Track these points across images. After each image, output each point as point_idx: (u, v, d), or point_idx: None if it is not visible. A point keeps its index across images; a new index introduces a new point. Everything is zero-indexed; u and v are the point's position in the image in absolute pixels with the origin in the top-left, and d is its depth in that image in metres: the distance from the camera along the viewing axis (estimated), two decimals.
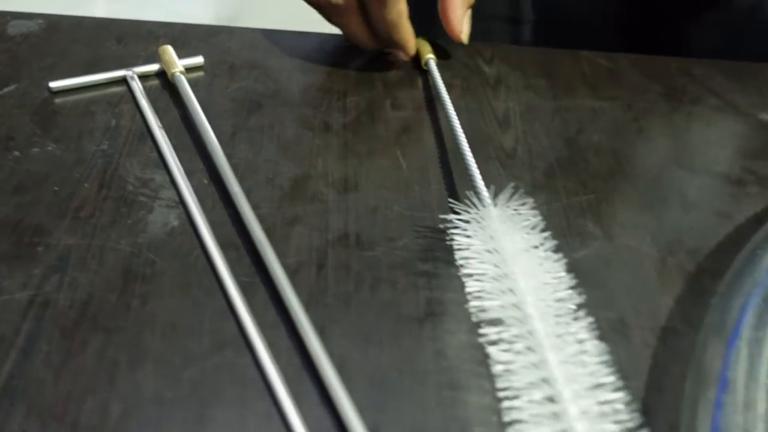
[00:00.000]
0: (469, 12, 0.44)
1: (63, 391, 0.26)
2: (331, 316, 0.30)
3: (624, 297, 0.32)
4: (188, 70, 0.42)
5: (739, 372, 0.26)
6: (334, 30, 0.46)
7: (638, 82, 0.47)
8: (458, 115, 0.39)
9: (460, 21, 0.43)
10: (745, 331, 0.28)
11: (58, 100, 0.40)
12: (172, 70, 0.40)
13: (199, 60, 0.43)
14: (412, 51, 0.44)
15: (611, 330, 0.30)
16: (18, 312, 0.29)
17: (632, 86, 0.46)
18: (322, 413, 0.27)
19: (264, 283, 0.31)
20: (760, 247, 0.32)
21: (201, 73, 0.43)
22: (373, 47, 0.45)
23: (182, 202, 0.34)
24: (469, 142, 0.37)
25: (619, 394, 0.26)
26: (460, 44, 0.47)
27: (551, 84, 0.45)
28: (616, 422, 0.24)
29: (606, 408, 0.25)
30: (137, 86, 0.40)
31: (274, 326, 0.29)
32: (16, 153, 0.36)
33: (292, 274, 0.31)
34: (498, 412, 0.26)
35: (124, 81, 0.41)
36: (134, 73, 0.41)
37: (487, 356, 0.28)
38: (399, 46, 0.44)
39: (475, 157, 0.36)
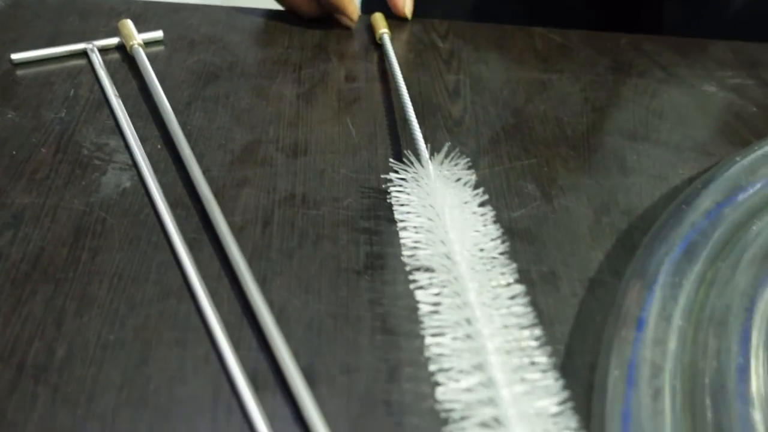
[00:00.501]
0: None
1: (11, 336, 0.28)
2: (273, 268, 0.31)
3: (556, 252, 0.34)
4: (148, 44, 0.44)
5: (653, 312, 0.28)
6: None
7: (588, 56, 0.48)
8: (410, 87, 0.41)
9: (402, 2, 0.46)
10: (663, 278, 0.29)
11: (19, 72, 0.41)
12: (131, 43, 0.42)
13: (158, 34, 0.44)
14: (353, 14, 0.46)
15: (542, 281, 0.32)
16: None
17: (582, 60, 0.48)
18: (258, 356, 0.28)
19: (210, 240, 0.32)
20: (685, 202, 0.33)
21: (161, 48, 0.45)
22: (313, 14, 0.47)
23: (135, 165, 0.36)
24: (419, 112, 0.38)
25: (534, 332, 0.27)
26: (418, 22, 0.49)
27: (503, 58, 0.47)
28: (529, 356, 0.26)
29: (521, 344, 0.26)
30: (96, 58, 0.42)
31: (217, 278, 0.31)
32: None
33: (238, 231, 0.33)
34: (425, 352, 0.28)
35: (84, 54, 0.43)
36: (94, 46, 0.42)
37: (410, 281, 0.29)
38: (339, 9, 0.45)
39: (423, 125, 0.38)
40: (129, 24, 0.43)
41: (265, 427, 0.25)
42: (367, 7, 0.64)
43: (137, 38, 0.42)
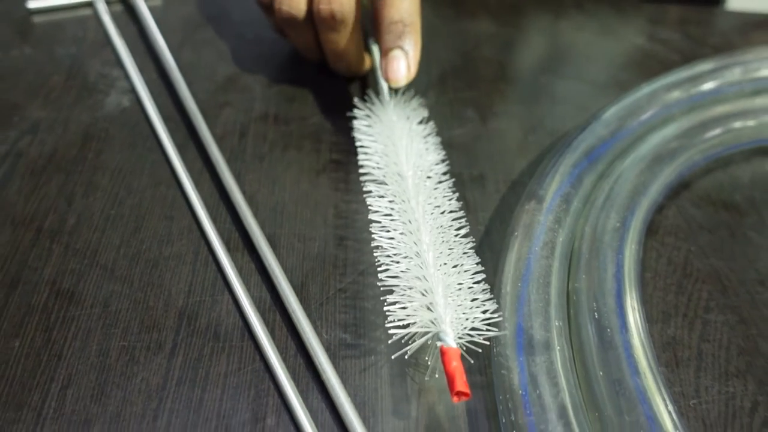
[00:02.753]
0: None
1: (31, 209, 0.34)
2: (247, 167, 0.38)
3: (486, 160, 0.40)
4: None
5: (549, 191, 0.34)
6: None
7: (534, 13, 0.54)
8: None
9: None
10: (564, 168, 0.36)
11: (35, 19, 0.48)
12: None
13: None
14: (361, 73, 0.44)
15: (471, 181, 0.38)
16: None
17: (528, 15, 0.54)
18: (231, 227, 0.34)
19: (195, 146, 0.39)
20: (594, 118, 0.40)
21: (158, 2, 0.51)
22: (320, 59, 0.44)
23: (133, 90, 0.42)
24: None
25: (463, 230, 0.32)
26: None
27: (457, 13, 0.53)
28: (457, 248, 0.31)
29: (450, 239, 0.32)
30: (103, 6, 0.48)
31: (200, 173, 0.37)
32: None
33: (219, 140, 0.39)
34: (369, 232, 0.34)
35: (91, 4, 0.49)
36: None
37: (366, 193, 0.35)
38: (351, 74, 0.44)
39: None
40: None
41: (233, 275, 0.32)
42: None
43: None
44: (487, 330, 0.27)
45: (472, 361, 0.28)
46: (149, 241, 0.33)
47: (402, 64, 0.38)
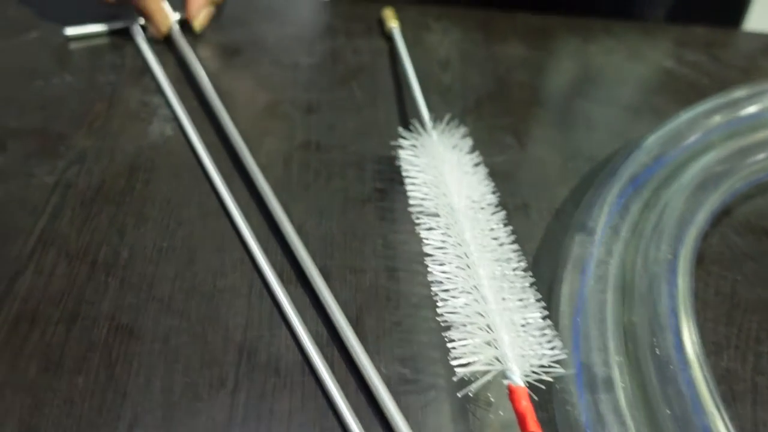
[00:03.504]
0: (210, 8, 0.50)
1: (84, 242, 0.34)
2: (294, 197, 0.38)
3: (528, 188, 0.40)
4: (182, 23, 0.50)
5: (599, 223, 0.34)
6: None
7: (563, 36, 0.55)
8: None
9: (197, 10, 0.49)
10: (611, 199, 0.36)
11: (72, 45, 0.48)
12: (169, 21, 0.49)
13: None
14: (161, 25, 0.48)
15: (515, 210, 0.39)
16: (46, 190, 0.37)
17: (558, 40, 0.55)
18: (282, 259, 0.35)
19: (240, 175, 0.39)
20: (637, 146, 0.40)
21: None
22: (114, 2, 0.47)
23: (176, 118, 0.42)
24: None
25: (519, 264, 0.32)
26: (414, 6, 0.56)
27: (488, 38, 0.54)
28: (514, 283, 0.31)
29: (507, 272, 0.32)
30: (140, 33, 0.48)
31: (247, 204, 0.37)
32: (40, 82, 0.44)
33: (264, 169, 0.40)
34: (420, 261, 0.34)
35: (127, 30, 0.49)
36: (137, 23, 0.49)
37: (416, 223, 0.35)
38: (146, 17, 0.47)
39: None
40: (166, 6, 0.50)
41: (290, 309, 0.32)
42: None
43: (173, 18, 0.49)
44: (553, 367, 0.27)
45: (537, 398, 0.28)
46: (203, 274, 0.33)
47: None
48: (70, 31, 0.48)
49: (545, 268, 0.35)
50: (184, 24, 0.51)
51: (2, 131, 0.40)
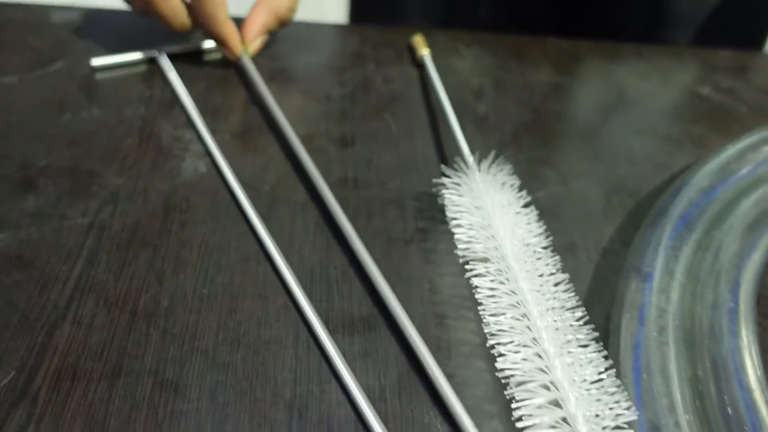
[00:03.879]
0: (265, 37, 0.49)
1: (122, 289, 0.33)
2: (335, 237, 0.37)
3: (574, 226, 0.39)
4: (209, 51, 0.49)
5: (657, 267, 0.33)
6: (328, 20, 0.53)
7: (595, 62, 0.54)
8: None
9: (253, 37, 0.48)
10: (666, 242, 0.35)
11: (98, 76, 0.47)
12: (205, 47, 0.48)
13: (211, 43, 0.50)
14: (236, 48, 0.47)
15: (563, 250, 0.37)
16: (80, 233, 0.36)
17: (590, 65, 0.53)
18: (328, 305, 0.33)
19: (278, 216, 0.38)
20: (684, 182, 0.39)
21: (219, 54, 0.51)
22: (186, 28, 0.46)
23: (209, 153, 0.41)
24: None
25: (578, 313, 0.31)
26: (443, 32, 0.55)
27: (520, 64, 0.53)
28: (575, 334, 0.30)
29: (566, 324, 0.31)
30: (167, 63, 0.47)
31: (287, 246, 0.36)
32: (68, 116, 0.43)
33: (301, 208, 0.38)
34: (470, 307, 0.33)
35: (153, 60, 0.48)
36: (163, 52, 0.48)
37: (465, 268, 0.34)
38: (220, 42, 0.46)
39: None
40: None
41: (339, 360, 0.31)
42: (357, 13, 0.70)
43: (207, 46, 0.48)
44: (621, 428, 0.26)
45: None
46: (247, 323, 0.32)
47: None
48: (96, 61, 0.47)
49: (597, 313, 0.34)
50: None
51: (33, 170, 0.39)
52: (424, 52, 0.50)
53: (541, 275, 0.33)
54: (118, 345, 0.31)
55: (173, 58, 0.49)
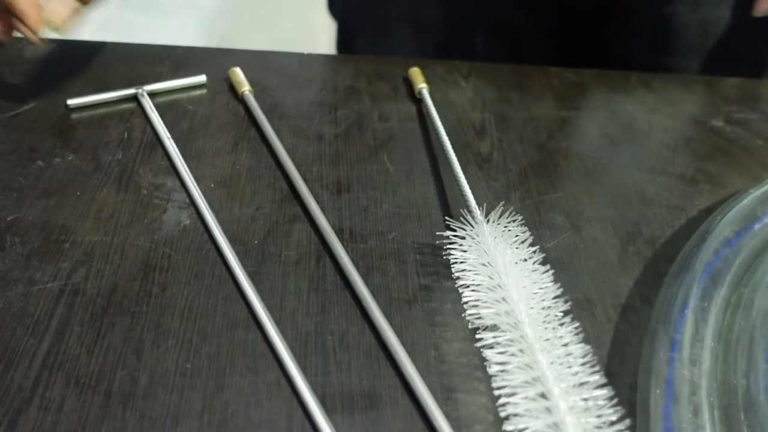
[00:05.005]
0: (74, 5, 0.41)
1: (95, 365, 0.30)
2: (330, 299, 0.34)
3: (589, 280, 0.36)
4: (192, 88, 0.46)
5: (687, 335, 0.30)
6: (320, 50, 0.50)
7: (601, 93, 0.51)
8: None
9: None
10: (693, 302, 0.32)
11: (74, 116, 0.44)
12: (244, 90, 0.45)
13: (201, 78, 0.47)
14: (35, 25, 0.39)
15: (578, 308, 0.34)
16: (51, 299, 0.32)
17: (596, 97, 0.51)
18: (324, 380, 0.30)
19: (269, 273, 0.35)
20: (707, 232, 0.36)
21: (204, 91, 0.47)
22: None
23: (193, 204, 0.38)
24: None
25: (603, 391, 0.29)
26: (440, 62, 0.52)
27: (523, 96, 0.50)
28: (600, 416, 0.28)
29: (591, 403, 0.28)
30: (147, 102, 0.44)
31: (279, 309, 0.33)
32: (40, 163, 0.40)
33: (294, 264, 0.35)
34: (481, 378, 0.30)
35: (134, 98, 0.45)
36: (144, 90, 0.45)
37: (475, 337, 0.31)
38: (16, 14, 0.39)
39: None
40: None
41: None
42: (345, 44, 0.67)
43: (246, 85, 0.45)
44: None
45: None
46: (235, 403, 0.29)
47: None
48: (73, 101, 0.44)
49: (620, 381, 0.31)
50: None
51: None
52: (422, 86, 0.47)
53: (561, 345, 0.30)
54: None
55: (154, 96, 0.46)
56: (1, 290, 0.33)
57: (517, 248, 0.34)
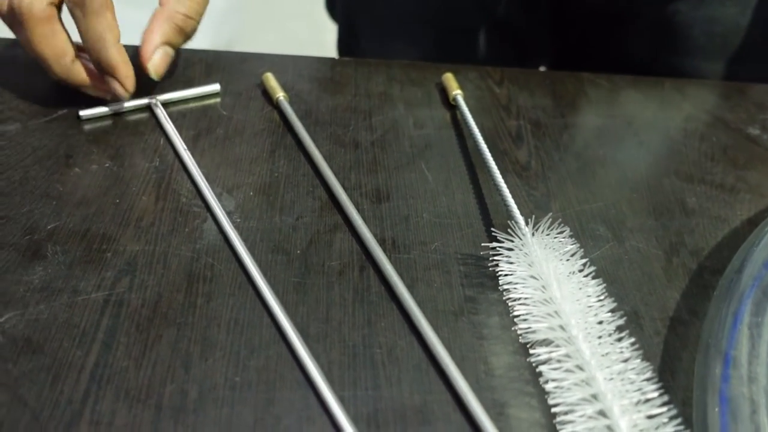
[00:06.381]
0: (167, 49, 0.42)
1: (145, 379, 0.30)
2: (377, 311, 0.33)
3: (635, 292, 0.36)
4: (215, 96, 0.46)
5: (742, 351, 0.30)
6: (328, 50, 0.49)
7: (635, 100, 0.51)
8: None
9: (151, 51, 0.42)
10: (746, 317, 0.31)
11: (109, 122, 0.43)
12: (278, 96, 0.45)
13: (215, 87, 0.46)
14: (126, 82, 0.41)
15: (626, 320, 0.34)
16: (95, 310, 0.32)
17: (631, 104, 0.50)
18: (374, 394, 0.30)
19: (313, 284, 0.34)
20: (755, 244, 0.36)
21: (238, 96, 0.47)
22: (69, 75, 0.41)
23: (230, 213, 0.38)
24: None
25: (665, 408, 0.28)
26: (472, 68, 0.51)
27: (557, 103, 0.49)
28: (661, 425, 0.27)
29: (653, 421, 0.28)
30: (161, 112, 0.43)
31: (326, 320, 0.33)
32: (77, 170, 0.40)
33: (338, 275, 0.35)
34: (533, 393, 0.30)
35: (148, 108, 0.44)
36: (157, 101, 0.44)
37: (514, 332, 0.31)
38: (108, 70, 0.40)
39: None
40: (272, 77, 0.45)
41: None
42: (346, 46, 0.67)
43: (280, 91, 0.44)
44: None
45: None
46: (287, 418, 0.29)
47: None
48: (85, 112, 0.43)
49: (672, 395, 0.31)
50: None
51: (40, 235, 0.35)
52: (457, 92, 0.47)
53: (619, 360, 0.29)
54: None
55: (184, 102, 0.45)
56: (45, 300, 0.32)
57: (568, 260, 0.34)
